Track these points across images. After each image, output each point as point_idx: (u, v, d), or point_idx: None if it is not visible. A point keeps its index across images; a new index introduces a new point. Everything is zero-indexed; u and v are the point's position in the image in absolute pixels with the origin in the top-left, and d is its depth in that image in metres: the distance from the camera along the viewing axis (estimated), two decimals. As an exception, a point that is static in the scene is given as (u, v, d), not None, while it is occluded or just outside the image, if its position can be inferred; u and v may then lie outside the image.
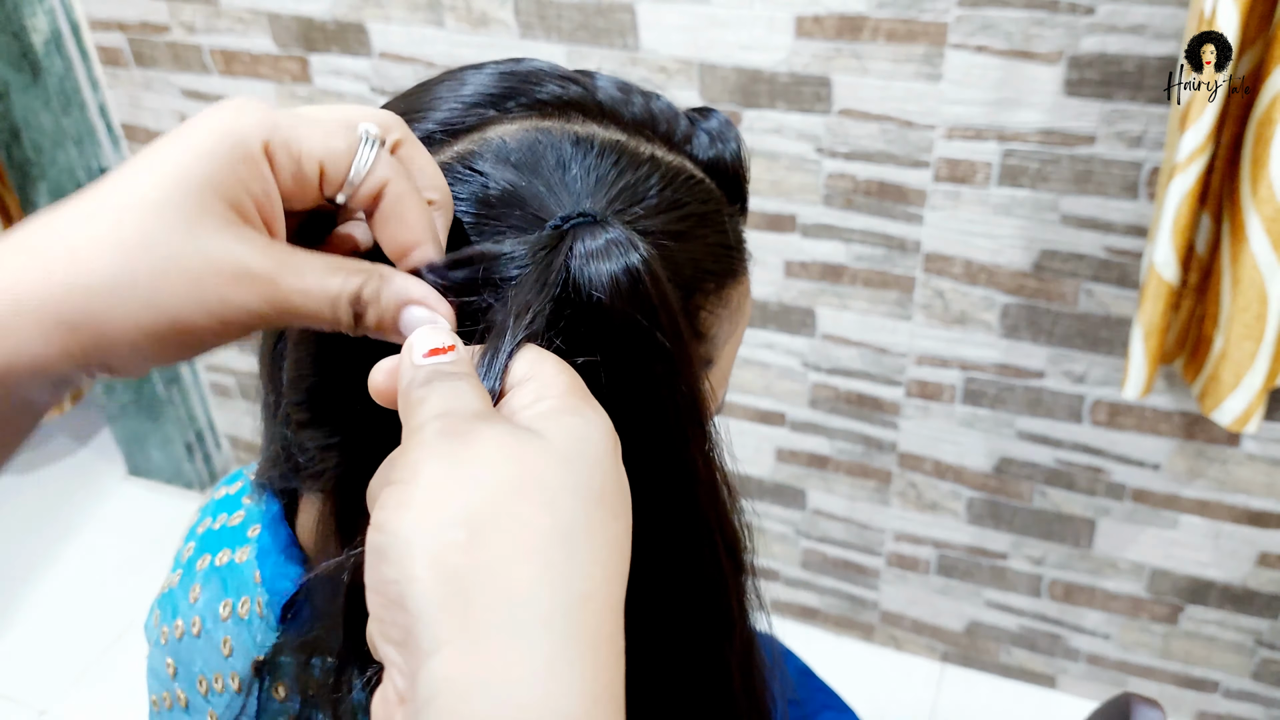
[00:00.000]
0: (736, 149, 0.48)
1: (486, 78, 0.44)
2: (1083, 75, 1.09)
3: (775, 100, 1.22)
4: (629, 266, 0.37)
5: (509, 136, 0.41)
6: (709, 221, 0.45)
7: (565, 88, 0.44)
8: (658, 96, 0.47)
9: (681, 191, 0.43)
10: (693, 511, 0.42)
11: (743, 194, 0.50)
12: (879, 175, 1.23)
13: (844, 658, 1.64)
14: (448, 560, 0.27)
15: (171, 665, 0.57)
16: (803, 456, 1.51)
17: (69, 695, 1.67)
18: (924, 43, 1.13)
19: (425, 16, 1.33)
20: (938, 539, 1.50)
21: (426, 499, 0.29)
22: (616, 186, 0.41)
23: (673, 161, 0.44)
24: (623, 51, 1.26)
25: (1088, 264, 1.20)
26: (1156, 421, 1.28)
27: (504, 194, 0.40)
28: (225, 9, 1.45)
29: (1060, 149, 1.14)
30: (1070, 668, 1.55)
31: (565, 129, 0.42)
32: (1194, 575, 1.38)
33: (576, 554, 0.28)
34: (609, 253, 0.37)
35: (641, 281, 0.37)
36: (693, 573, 0.43)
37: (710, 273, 0.44)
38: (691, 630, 0.44)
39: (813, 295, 1.35)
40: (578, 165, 0.41)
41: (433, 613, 0.27)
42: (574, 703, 0.26)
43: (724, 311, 0.46)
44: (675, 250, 0.42)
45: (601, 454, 0.31)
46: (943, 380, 1.36)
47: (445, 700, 0.26)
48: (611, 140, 0.43)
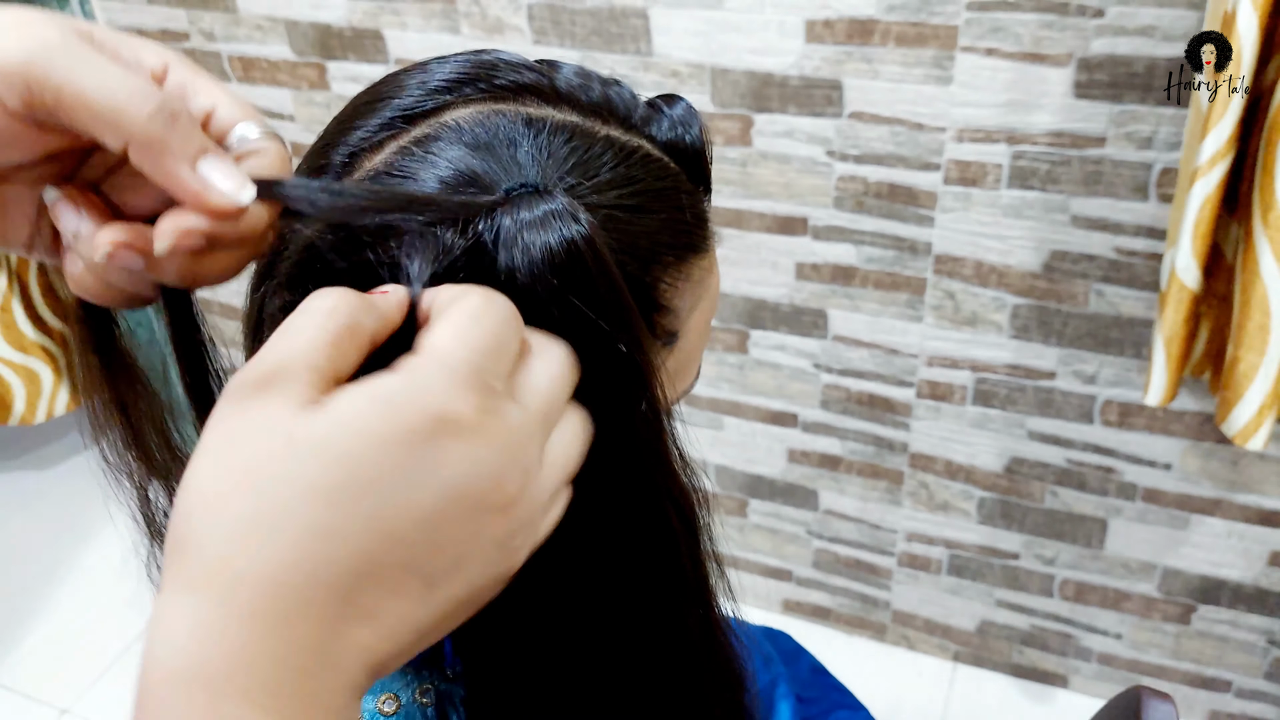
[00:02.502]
0: (698, 132, 0.49)
1: (450, 66, 0.45)
2: (1092, 77, 1.10)
3: (786, 104, 1.24)
4: (566, 238, 0.37)
5: (463, 119, 0.42)
6: (665, 197, 0.45)
7: (523, 74, 0.45)
8: (618, 83, 0.48)
9: (636, 169, 0.44)
10: (639, 474, 0.42)
11: (705, 175, 0.51)
12: (890, 178, 1.24)
13: (856, 657, 1.65)
14: (187, 511, 0.31)
15: None
16: (814, 457, 1.52)
17: (90, 694, 1.69)
18: (934, 46, 1.14)
19: (440, 23, 1.35)
20: (949, 539, 1.51)
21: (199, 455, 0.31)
22: (569, 163, 0.42)
23: (628, 141, 0.45)
24: (635, 56, 1.27)
25: (1098, 265, 1.21)
26: (1168, 422, 1.28)
27: (458, 174, 0.41)
28: (244, 17, 1.47)
29: (1070, 151, 1.15)
30: (1082, 667, 1.55)
31: (519, 111, 0.43)
32: (1206, 575, 1.39)
33: (271, 537, 0.30)
34: (546, 223, 0.38)
35: (578, 253, 0.38)
36: (643, 536, 0.44)
37: (668, 246, 0.45)
38: (647, 594, 0.45)
39: (824, 297, 1.36)
40: (529, 143, 0.42)
41: (167, 552, 0.31)
42: (223, 660, 0.29)
43: (685, 285, 0.47)
44: (628, 222, 0.43)
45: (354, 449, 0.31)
46: (954, 381, 1.37)
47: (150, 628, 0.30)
48: (565, 121, 0.44)
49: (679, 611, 0.46)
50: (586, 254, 0.38)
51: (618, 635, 0.46)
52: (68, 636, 1.80)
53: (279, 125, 1.57)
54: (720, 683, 0.50)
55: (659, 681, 0.47)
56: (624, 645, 0.46)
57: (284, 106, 1.54)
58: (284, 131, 1.57)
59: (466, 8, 1.32)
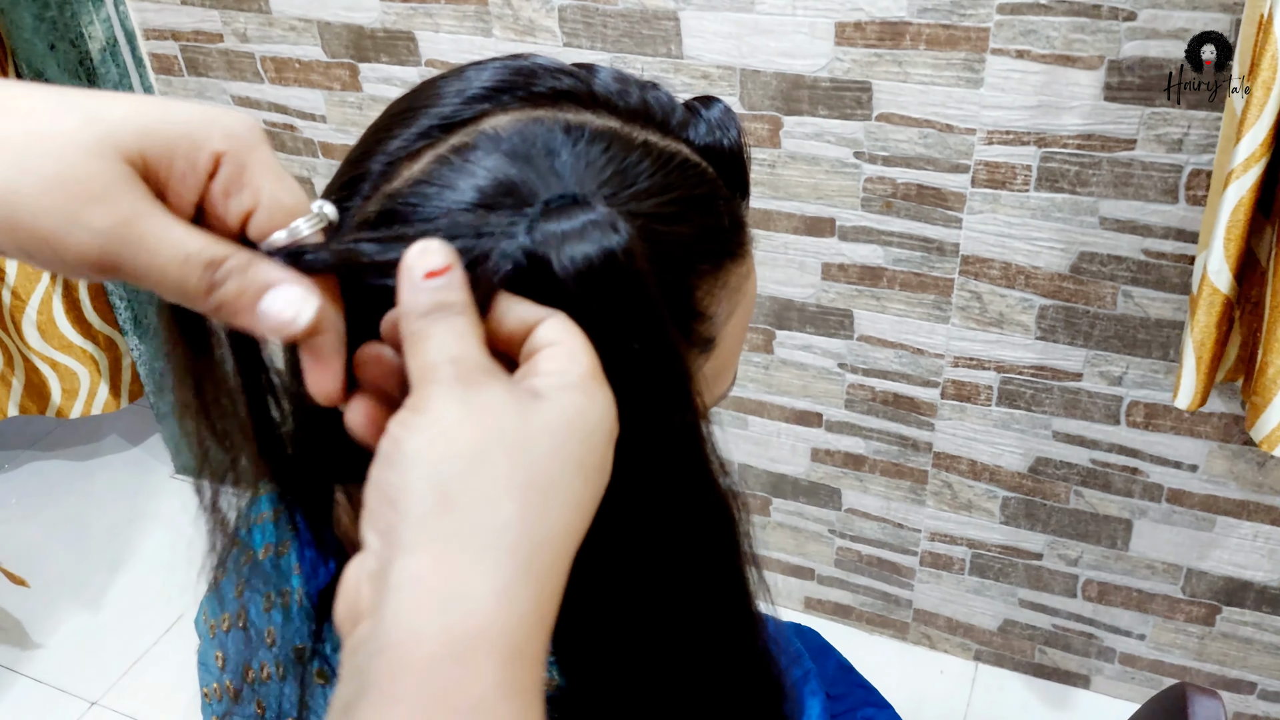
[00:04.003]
0: (736, 135, 0.49)
1: (487, 73, 0.45)
2: (1123, 80, 1.10)
3: (816, 106, 1.25)
4: (606, 248, 0.38)
5: (501, 127, 0.42)
6: (702, 204, 0.45)
7: (561, 80, 0.45)
8: (655, 86, 0.48)
9: (674, 175, 0.44)
10: (678, 482, 0.44)
11: (743, 180, 0.51)
12: (918, 179, 1.25)
13: (877, 656, 1.65)
14: (443, 479, 0.32)
15: (221, 657, 0.59)
16: (838, 456, 1.53)
17: (119, 687, 1.71)
18: (965, 48, 1.15)
19: (473, 25, 1.36)
20: (972, 538, 1.52)
21: (434, 428, 0.33)
22: (607, 171, 0.42)
23: (666, 146, 0.45)
24: (666, 59, 1.28)
25: (1126, 266, 1.21)
26: (1195, 423, 1.29)
27: (496, 183, 0.41)
28: (277, 18, 1.49)
29: (1100, 153, 1.15)
30: (1105, 668, 1.56)
31: (558, 118, 0.43)
32: (1231, 576, 1.39)
33: (548, 505, 0.32)
34: (585, 234, 0.38)
35: (617, 262, 0.38)
36: (682, 543, 0.45)
37: (706, 253, 0.45)
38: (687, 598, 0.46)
39: (850, 297, 1.37)
40: (568, 151, 0.42)
41: (419, 517, 0.31)
42: (518, 623, 0.30)
43: (723, 292, 0.47)
44: (666, 230, 0.43)
45: (591, 432, 0.35)
46: (979, 382, 1.37)
47: (410, 592, 0.30)
48: (604, 127, 0.43)
49: (718, 615, 0.47)
50: (625, 264, 0.38)
51: (658, 638, 0.46)
52: (98, 629, 1.82)
53: (310, 126, 1.58)
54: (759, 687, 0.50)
55: (698, 685, 0.47)
56: (664, 649, 0.46)
57: (316, 107, 1.56)
58: (316, 132, 1.59)
59: (499, 10, 1.33)
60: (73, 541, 2.02)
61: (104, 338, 1.96)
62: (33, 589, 1.87)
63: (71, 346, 1.91)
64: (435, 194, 0.41)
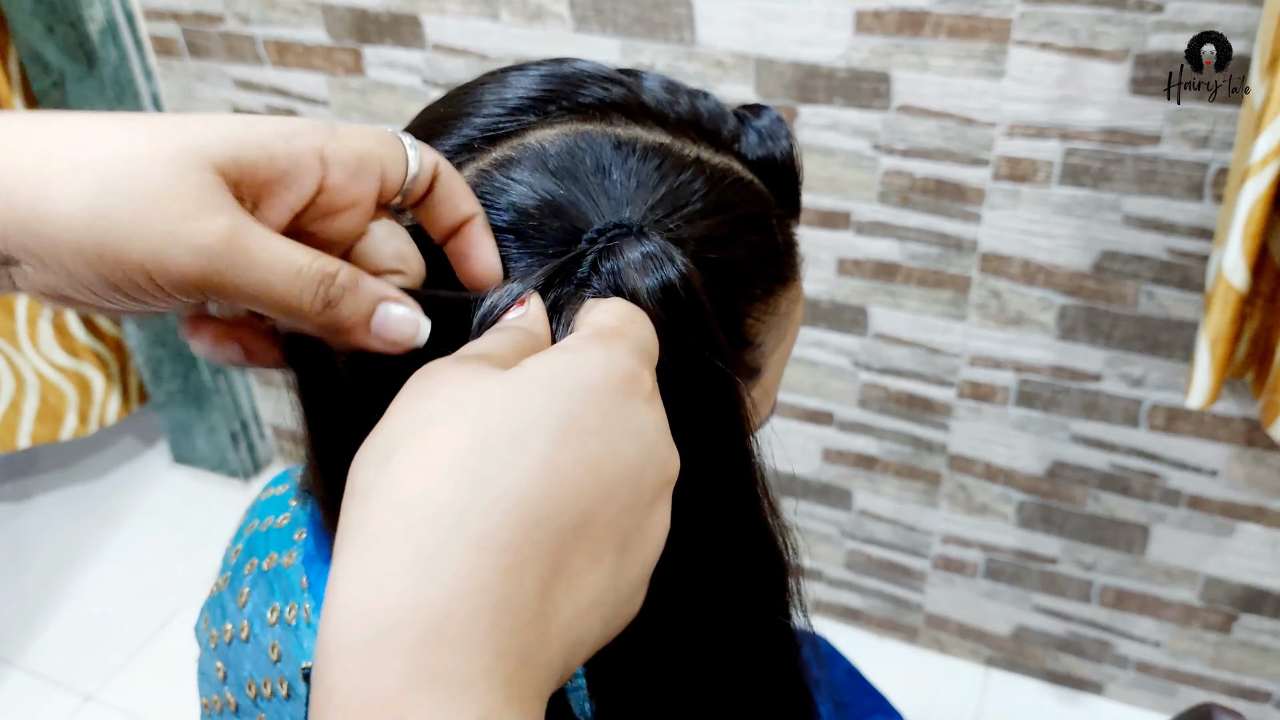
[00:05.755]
0: (788, 147, 0.47)
1: (530, 80, 0.43)
2: (1149, 74, 1.07)
3: (833, 96, 1.21)
4: (665, 281, 0.37)
5: (548, 142, 0.40)
6: (756, 225, 0.43)
7: (609, 89, 0.43)
8: (706, 95, 0.46)
9: (727, 195, 0.42)
10: (731, 525, 0.41)
11: (795, 195, 0.49)
12: (937, 173, 1.22)
13: (887, 660, 1.62)
14: (362, 479, 0.29)
15: (221, 669, 0.57)
16: (850, 456, 1.50)
17: (114, 680, 1.69)
18: (986, 39, 1.11)
19: (480, 9, 1.33)
20: (986, 542, 1.49)
21: (374, 431, 0.30)
22: (659, 192, 0.40)
23: (719, 164, 0.43)
24: (679, 46, 1.25)
25: (1149, 265, 1.18)
26: (1216, 427, 1.25)
27: (542, 203, 0.39)
28: (280, 0, 1.46)
29: (1124, 148, 1.12)
30: (1119, 675, 1.53)
31: (607, 132, 0.41)
32: (1250, 584, 1.36)
33: (492, 467, 0.28)
34: (645, 266, 0.37)
35: (677, 295, 0.37)
36: (732, 573, 0.43)
37: (757, 279, 0.43)
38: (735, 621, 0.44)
39: (865, 294, 1.34)
40: (618, 170, 0.40)
41: (342, 524, 0.29)
42: (439, 594, 0.26)
43: (772, 319, 0.45)
44: (719, 257, 0.41)
45: (575, 388, 0.30)
46: (996, 382, 1.34)
47: (330, 596, 0.27)
48: (655, 143, 0.41)
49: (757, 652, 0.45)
50: (684, 295, 0.37)
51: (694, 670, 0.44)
52: (92, 622, 1.80)
53: (313, 110, 1.55)
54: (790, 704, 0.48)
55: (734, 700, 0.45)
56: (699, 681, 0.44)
57: (319, 92, 1.53)
58: (318, 117, 1.55)
59: (507, -6, 1.30)
60: (67, 530, 1.99)
61: (111, 338, 1.93)
62: (26, 579, 1.85)
63: (84, 350, 1.87)
64: None
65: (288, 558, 0.55)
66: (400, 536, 0.27)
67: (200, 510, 2.01)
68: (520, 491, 0.28)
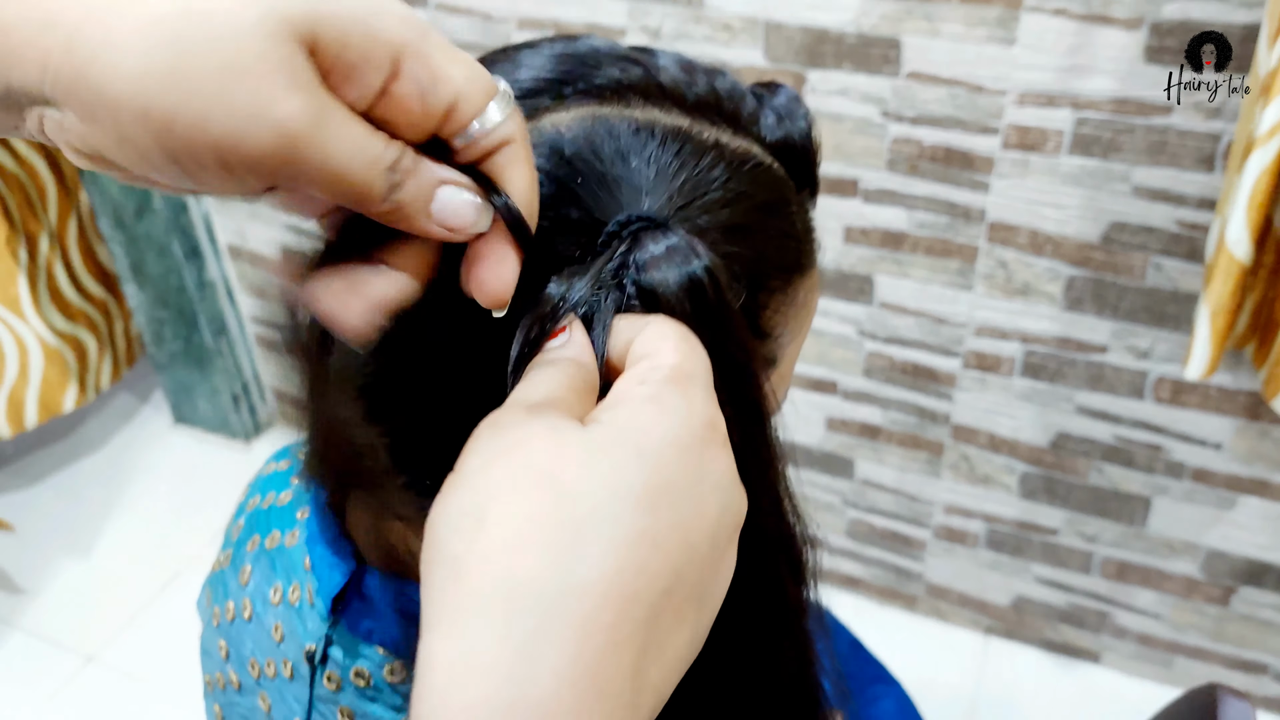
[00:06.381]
0: (806, 127, 0.46)
1: (542, 60, 0.42)
2: (1163, 43, 1.06)
3: (842, 61, 1.20)
4: (690, 275, 0.36)
5: (565, 127, 0.39)
6: (776, 212, 0.43)
7: (625, 70, 0.42)
8: (723, 74, 0.45)
9: (746, 182, 0.41)
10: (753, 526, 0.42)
11: (813, 177, 0.48)
12: (945, 141, 1.20)
13: (887, 628, 1.63)
14: (452, 546, 0.28)
15: (224, 647, 0.57)
16: (854, 426, 1.50)
17: (115, 641, 1.70)
18: (998, 5, 1.10)
19: (487, -30, 1.31)
20: (988, 513, 1.49)
21: (454, 488, 0.29)
22: (678, 180, 0.39)
23: (738, 147, 0.42)
24: (686, 8, 1.24)
25: (1158, 237, 1.17)
26: (1221, 401, 1.25)
27: (560, 192, 0.38)
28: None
29: (1135, 118, 1.11)
30: (1118, 646, 1.53)
31: (624, 115, 0.40)
32: (1251, 557, 1.36)
33: (582, 544, 0.27)
34: (669, 259, 0.36)
35: (702, 289, 0.36)
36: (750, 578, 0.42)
37: (776, 267, 0.43)
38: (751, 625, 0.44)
39: (872, 262, 1.33)
40: (637, 157, 0.39)
41: (434, 594, 0.28)
42: (543, 683, 0.26)
43: (790, 310, 0.44)
44: (739, 247, 0.40)
45: (657, 449, 0.30)
46: (1001, 352, 1.33)
47: (428, 677, 0.27)
48: (673, 127, 0.40)
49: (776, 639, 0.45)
50: (709, 289, 0.36)
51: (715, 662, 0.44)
52: (94, 583, 1.80)
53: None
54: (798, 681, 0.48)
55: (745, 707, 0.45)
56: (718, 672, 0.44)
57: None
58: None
59: (514, -45, 1.28)
60: (68, 492, 2.00)
61: (99, 300, 1.92)
62: (27, 540, 1.86)
63: (78, 313, 1.86)
64: None
65: (290, 537, 0.54)
66: (500, 619, 0.26)
67: (202, 472, 2.02)
68: (617, 568, 0.27)
